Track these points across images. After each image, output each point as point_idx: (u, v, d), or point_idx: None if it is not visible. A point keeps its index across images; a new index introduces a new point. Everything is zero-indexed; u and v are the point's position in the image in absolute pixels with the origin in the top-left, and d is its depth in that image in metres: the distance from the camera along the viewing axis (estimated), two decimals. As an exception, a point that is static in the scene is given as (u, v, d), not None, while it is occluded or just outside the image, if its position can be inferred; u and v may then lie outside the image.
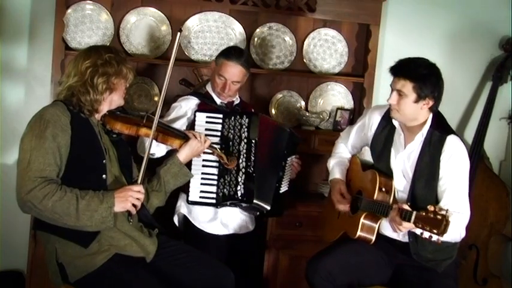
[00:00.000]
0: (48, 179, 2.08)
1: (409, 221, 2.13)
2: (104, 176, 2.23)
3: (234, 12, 3.37)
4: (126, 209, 2.21)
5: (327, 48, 3.51)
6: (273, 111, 3.49)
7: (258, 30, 3.42)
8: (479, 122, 3.54)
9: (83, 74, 2.21)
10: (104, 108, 2.29)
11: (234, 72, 2.76)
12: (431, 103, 2.32)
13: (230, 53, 2.80)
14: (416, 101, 2.31)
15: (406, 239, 2.42)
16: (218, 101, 2.86)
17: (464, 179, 2.35)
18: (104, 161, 2.24)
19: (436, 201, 2.34)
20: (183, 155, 2.45)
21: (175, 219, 2.87)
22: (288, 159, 2.83)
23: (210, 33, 3.37)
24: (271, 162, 2.77)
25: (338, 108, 3.50)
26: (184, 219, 2.83)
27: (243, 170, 2.66)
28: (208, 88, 2.91)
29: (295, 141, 2.86)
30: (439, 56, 3.67)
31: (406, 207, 2.19)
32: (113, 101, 2.29)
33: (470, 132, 3.64)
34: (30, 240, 3.00)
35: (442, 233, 2.02)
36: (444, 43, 3.67)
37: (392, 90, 2.37)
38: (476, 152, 3.48)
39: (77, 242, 2.17)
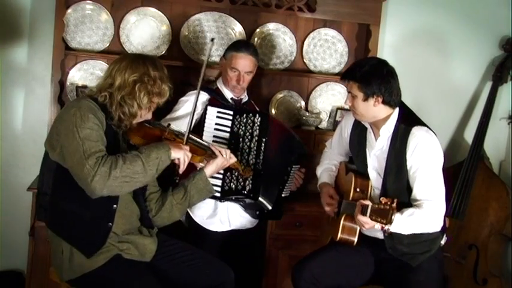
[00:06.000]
0: (103, 155, 2.07)
1: (366, 215, 2.18)
2: None
3: (234, 12, 3.37)
4: (179, 156, 2.22)
5: (327, 48, 3.51)
6: (273, 111, 3.49)
7: (258, 30, 3.42)
8: (479, 122, 3.54)
9: (129, 85, 2.18)
10: (134, 122, 2.27)
11: (245, 63, 2.82)
12: (380, 99, 2.37)
13: (239, 45, 2.88)
14: (365, 100, 2.39)
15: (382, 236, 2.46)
16: (228, 96, 2.89)
17: (434, 167, 2.37)
18: None
19: (410, 194, 2.38)
20: (209, 171, 2.44)
21: None
22: (294, 166, 2.85)
23: (210, 33, 3.37)
24: (278, 165, 2.79)
25: (338, 108, 3.50)
26: (187, 214, 2.85)
27: (252, 166, 2.69)
28: (219, 84, 2.94)
29: (300, 149, 2.88)
30: (439, 56, 3.68)
31: (366, 202, 2.23)
32: (144, 116, 2.29)
33: (470, 132, 3.64)
34: (30, 240, 3.00)
35: (388, 222, 2.09)
36: (444, 43, 3.67)
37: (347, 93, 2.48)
38: (476, 152, 3.48)
39: (82, 250, 2.17)
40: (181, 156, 2.23)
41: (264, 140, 2.72)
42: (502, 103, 3.71)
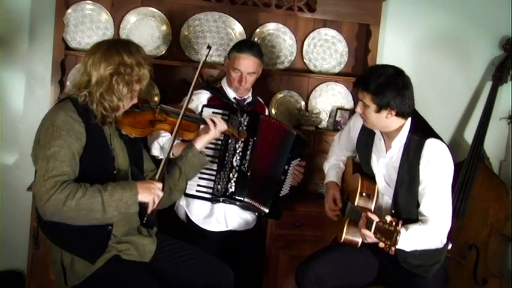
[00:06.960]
0: (66, 180, 2.01)
1: (370, 230, 2.13)
2: None
3: (234, 12, 3.37)
4: (148, 200, 2.14)
5: (327, 48, 3.51)
6: (273, 111, 3.49)
7: (258, 30, 3.42)
8: (479, 122, 3.54)
9: (106, 80, 2.11)
10: (120, 113, 2.21)
11: (248, 63, 2.79)
12: (394, 112, 2.29)
13: (241, 46, 2.85)
14: (378, 111, 2.30)
15: None
16: (231, 96, 2.87)
17: (444, 183, 2.31)
18: (115, 172, 2.20)
19: (418, 207, 2.33)
20: (200, 144, 2.43)
21: (178, 210, 2.89)
22: (292, 162, 2.82)
23: (210, 33, 3.37)
24: (273, 166, 2.76)
25: (338, 108, 3.50)
26: (186, 212, 2.85)
27: (237, 168, 2.67)
28: (223, 83, 2.92)
29: (301, 144, 2.85)
30: (439, 56, 3.68)
31: (372, 216, 2.16)
32: (128, 105, 2.23)
33: (470, 132, 3.64)
34: (30, 240, 3.00)
35: (392, 244, 2.02)
36: (444, 43, 3.67)
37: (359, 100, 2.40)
38: (476, 152, 3.48)
39: (85, 257, 2.15)
40: (150, 200, 2.14)
41: (251, 141, 2.68)
42: (502, 103, 3.71)
